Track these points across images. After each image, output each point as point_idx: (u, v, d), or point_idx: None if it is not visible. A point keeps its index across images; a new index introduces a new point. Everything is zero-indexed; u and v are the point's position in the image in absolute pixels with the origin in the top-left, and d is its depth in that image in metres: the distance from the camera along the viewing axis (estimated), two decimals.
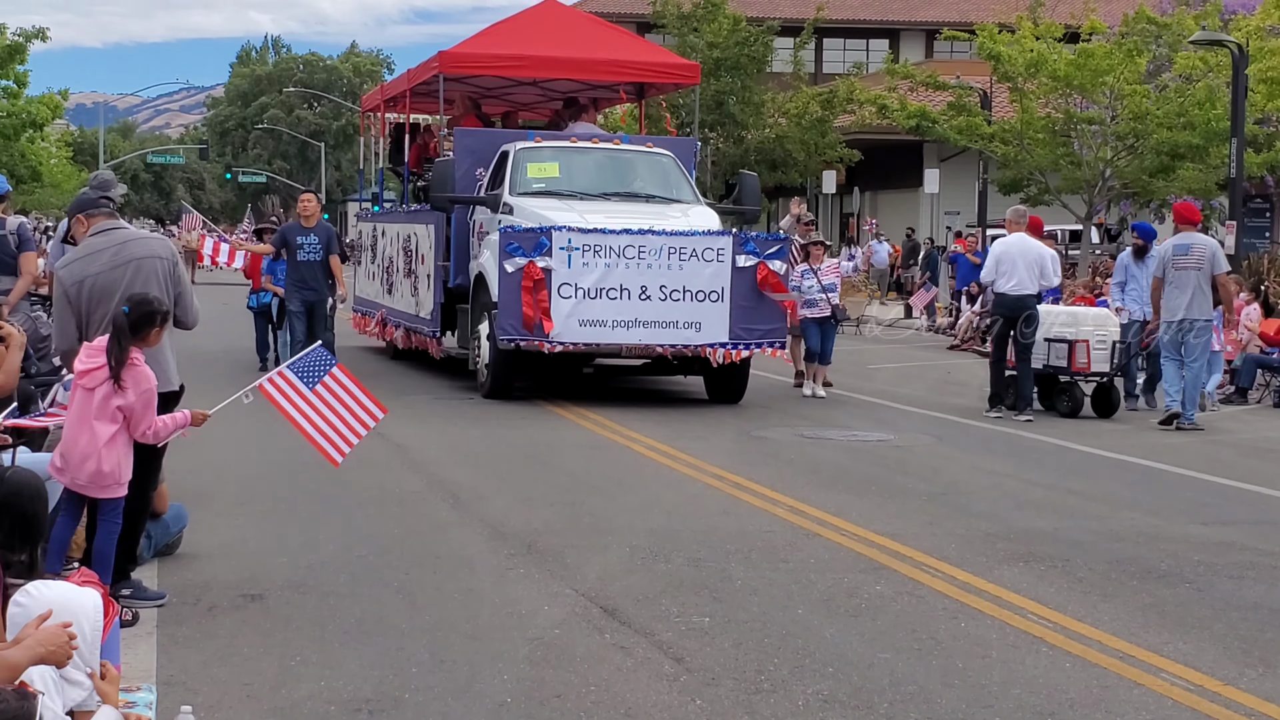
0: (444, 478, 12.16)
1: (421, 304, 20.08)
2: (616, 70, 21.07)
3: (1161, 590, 8.73)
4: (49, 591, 5.26)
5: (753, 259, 16.70)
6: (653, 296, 16.43)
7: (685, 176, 18.72)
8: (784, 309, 17.23)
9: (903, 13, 64.46)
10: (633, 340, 16.58)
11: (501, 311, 16.34)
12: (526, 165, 18.06)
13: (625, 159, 18.88)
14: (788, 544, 9.69)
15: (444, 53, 20.41)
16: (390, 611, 7.83)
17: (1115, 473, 13.40)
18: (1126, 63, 31.26)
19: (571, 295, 16.32)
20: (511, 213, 17.28)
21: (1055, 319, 17.77)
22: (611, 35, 21.78)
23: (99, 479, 7.42)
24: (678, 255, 16.48)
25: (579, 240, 16.32)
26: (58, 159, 65.01)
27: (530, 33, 20.52)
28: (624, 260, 16.37)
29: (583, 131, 19.80)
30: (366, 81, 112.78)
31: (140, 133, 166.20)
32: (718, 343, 16.61)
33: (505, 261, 16.26)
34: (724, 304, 16.60)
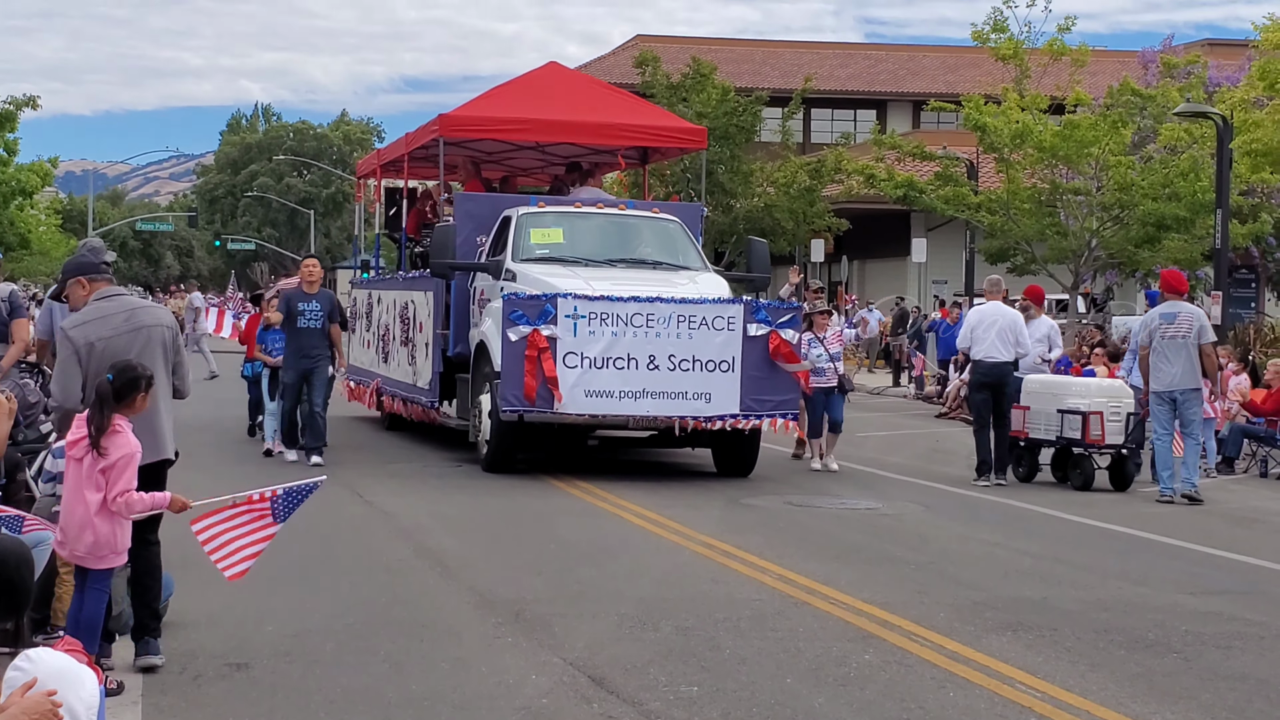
0: (431, 545, 12.13)
1: (419, 373, 19.49)
2: (621, 134, 20.57)
3: (1149, 660, 8.72)
4: (51, 661, 5.23)
5: (765, 328, 16.21)
6: (661, 366, 15.89)
7: (692, 242, 18.37)
8: (797, 379, 16.80)
9: (889, 84, 64.96)
10: (641, 411, 15.97)
11: (504, 381, 15.76)
12: (530, 231, 17.65)
13: (631, 224, 18.50)
14: (776, 612, 9.67)
15: (444, 116, 19.87)
16: (378, 681, 7.80)
17: (1103, 542, 13.40)
18: (1111, 134, 31.47)
19: (577, 365, 15.75)
20: (514, 279, 16.83)
21: (1069, 390, 17.49)
22: (615, 98, 21.36)
23: (96, 549, 7.41)
24: (687, 323, 15.98)
25: (585, 308, 15.81)
26: (47, 226, 65.07)
27: (532, 95, 20.08)
28: (631, 329, 15.86)
29: (587, 196, 19.34)
30: (357, 149, 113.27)
31: (129, 200, 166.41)
32: (728, 414, 16.06)
33: (508, 330, 15.73)
34: (735, 374, 16.06)
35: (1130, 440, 17.12)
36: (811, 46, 72.21)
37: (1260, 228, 32.42)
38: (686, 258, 17.97)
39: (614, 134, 20.46)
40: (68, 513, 7.47)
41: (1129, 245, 32.55)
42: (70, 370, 8.00)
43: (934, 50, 72.19)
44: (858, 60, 68.06)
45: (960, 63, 62.27)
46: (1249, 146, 29.55)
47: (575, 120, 19.90)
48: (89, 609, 7.42)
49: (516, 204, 18.51)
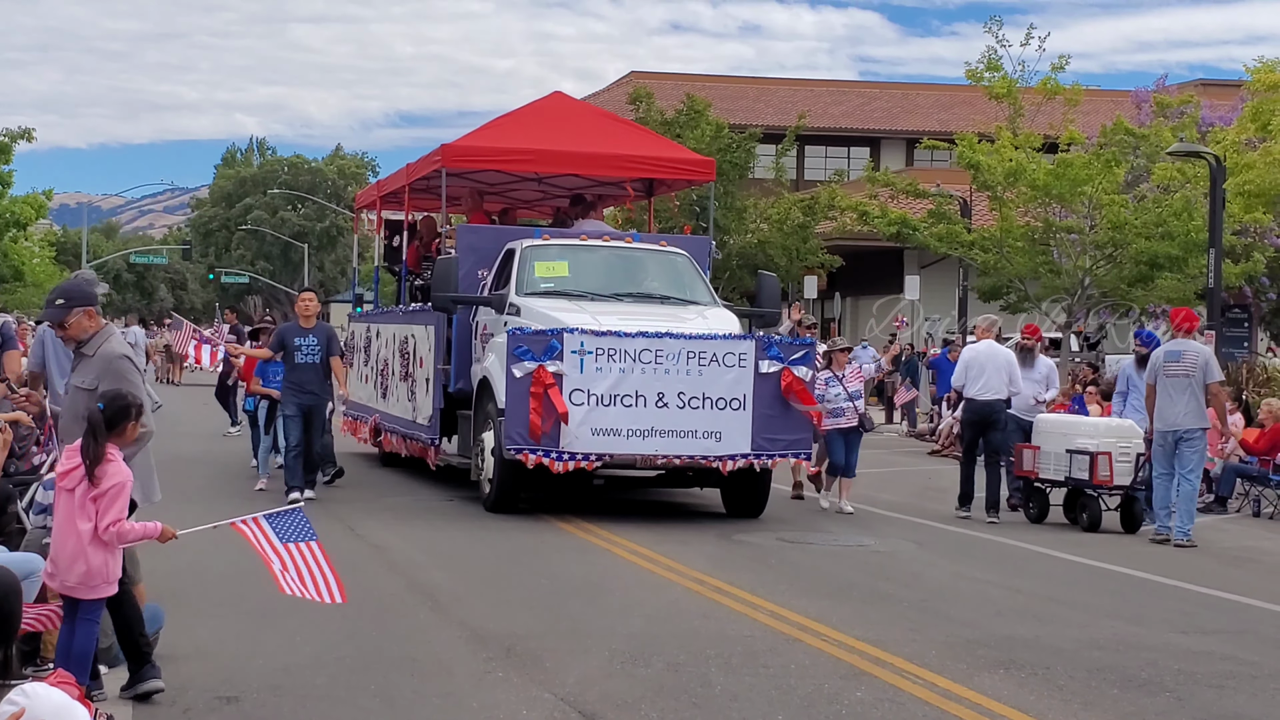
0: (423, 580, 12.10)
1: (419, 409, 18.97)
2: (627, 165, 20.06)
3: (1142, 699, 8.70)
4: (47, 697, 5.22)
5: (777, 364, 15.78)
6: (670, 404, 15.48)
7: (701, 277, 17.96)
8: (810, 418, 16.23)
9: (883, 121, 65.15)
10: (649, 450, 15.49)
11: (509, 419, 15.33)
12: (534, 264, 17.27)
13: (638, 258, 18.15)
14: (768, 649, 9.65)
15: (447, 146, 19.33)
16: (369, 716, 7.77)
17: (1097, 581, 13.38)
18: (1105, 173, 31.54)
19: (584, 402, 15.33)
20: (518, 314, 16.46)
21: (1079, 430, 17.23)
22: (621, 129, 20.94)
23: (88, 579, 7.39)
24: (697, 360, 15.56)
25: (592, 343, 15.41)
26: (40, 259, 65.03)
27: (536, 126, 19.63)
28: (640, 365, 15.45)
29: (590, 229, 18.94)
30: (351, 184, 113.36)
31: (124, 233, 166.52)
32: (739, 453, 15.64)
33: (513, 366, 15.31)
34: (746, 412, 15.66)
35: (1140, 481, 16.78)
36: (805, 84, 72.41)
37: (1253, 267, 32.48)
38: (695, 292, 17.63)
39: (620, 165, 20.02)
40: (59, 544, 7.46)
41: (1122, 284, 32.59)
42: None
43: (928, 88, 72.44)
44: (851, 98, 68.27)
45: (954, 101, 62.48)
46: (1242, 188, 29.65)
47: (581, 151, 19.52)
48: (80, 641, 7.39)
49: (520, 236, 18.21)
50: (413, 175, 20.79)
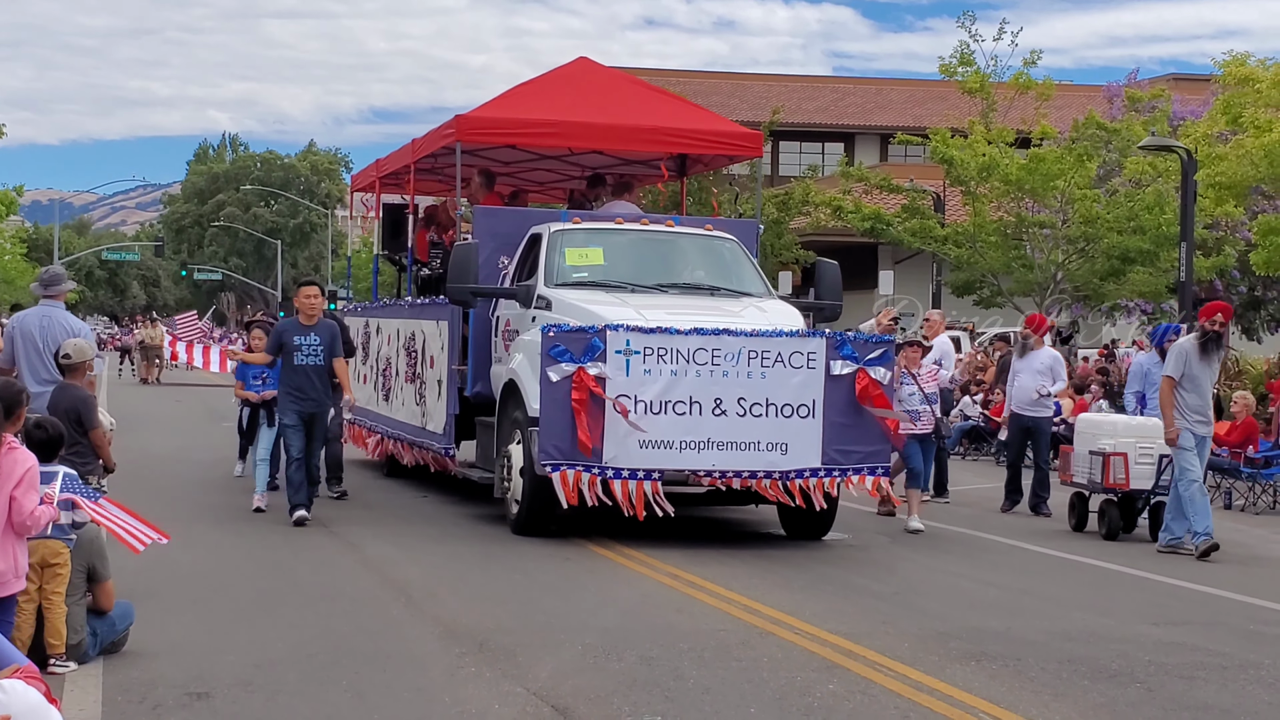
0: (396, 576, 12.08)
1: (430, 415, 17.02)
2: (665, 139, 17.78)
3: (1113, 690, 8.73)
4: (25, 696, 5.20)
5: (851, 365, 13.90)
6: (729, 411, 13.55)
7: (753, 264, 16.07)
8: (888, 427, 14.22)
9: (857, 117, 65.26)
10: (705, 466, 13.58)
11: (543, 430, 13.40)
12: (564, 251, 15.32)
13: (681, 244, 16.15)
14: (741, 643, 9.66)
15: (462, 117, 17.05)
16: (340, 711, 7.75)
17: (1067, 573, 13.42)
18: (1077, 167, 31.69)
19: (630, 410, 13.50)
20: (548, 308, 14.64)
21: (1101, 430, 16.11)
22: (656, 99, 18.56)
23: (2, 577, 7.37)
24: (759, 360, 13.63)
25: (639, 342, 13.48)
26: (11, 255, 64.79)
27: (561, 95, 17.51)
28: (694, 366, 13.51)
29: (626, 211, 16.74)
30: (324, 179, 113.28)
31: (96, 229, 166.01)
32: (808, 468, 13.75)
33: (549, 368, 13.34)
34: (815, 420, 13.75)
35: (1162, 485, 15.53)
36: (779, 79, 72.51)
37: (1224, 261, 32.65)
38: (748, 282, 15.72)
39: (655, 139, 17.79)
40: None
41: (1094, 278, 32.75)
42: None
43: (901, 84, 72.59)
44: (825, 93, 68.38)
45: (927, 96, 62.62)
46: (1213, 179, 29.78)
47: (613, 123, 17.33)
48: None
49: (546, 219, 16.30)
50: (419, 152, 18.71)
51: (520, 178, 21.03)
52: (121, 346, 58.63)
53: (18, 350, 12.00)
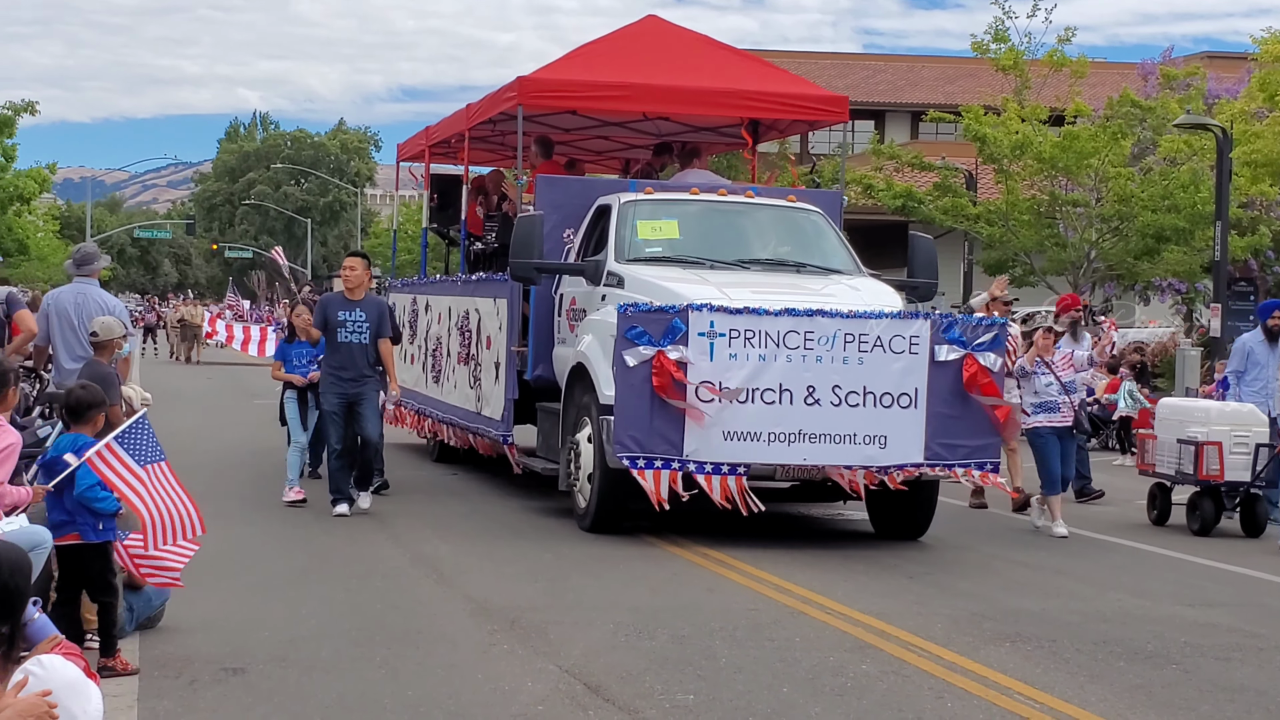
0: (427, 553, 12.09)
1: (486, 399, 15.94)
2: (744, 103, 16.54)
3: (1148, 671, 8.69)
4: (63, 671, 5.21)
5: (958, 350, 12.76)
6: (823, 400, 12.46)
7: (841, 239, 14.93)
8: (996, 418, 13.06)
9: (888, 94, 64.98)
10: (796, 459, 12.50)
11: (619, 419, 12.37)
12: (636, 223, 14.29)
13: (763, 216, 15.02)
14: (772, 622, 9.64)
15: (524, 79, 15.86)
16: (373, 687, 7.77)
17: (1101, 554, 13.36)
18: (1111, 145, 31.47)
19: (714, 398, 12.40)
20: (620, 285, 13.62)
21: (1191, 416, 15.16)
22: (733, 60, 17.19)
23: None
24: (856, 344, 12.51)
25: (724, 323, 12.38)
26: (44, 233, 65.04)
27: (629, 56, 16.37)
28: (785, 351, 12.40)
29: (699, 180, 15.51)
30: (354, 158, 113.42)
31: (128, 207, 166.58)
32: (909, 462, 12.64)
33: (625, 351, 12.32)
34: (919, 410, 12.66)
35: (1265, 476, 14.62)
36: (810, 57, 72.23)
37: (1259, 240, 32.41)
38: (836, 258, 14.62)
39: (734, 102, 16.53)
40: None
41: (1128, 257, 32.55)
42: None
43: (933, 61, 72.23)
44: (856, 71, 68.07)
45: (959, 74, 62.29)
46: (1248, 158, 29.57)
47: (685, 86, 16.12)
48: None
49: (613, 189, 15.22)
50: (474, 118, 17.51)
51: (577, 146, 19.90)
52: (145, 325, 58.78)
53: (53, 327, 12.04)
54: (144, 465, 8.18)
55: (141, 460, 8.18)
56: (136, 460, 8.14)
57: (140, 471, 8.12)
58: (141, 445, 8.23)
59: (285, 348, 15.53)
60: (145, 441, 8.23)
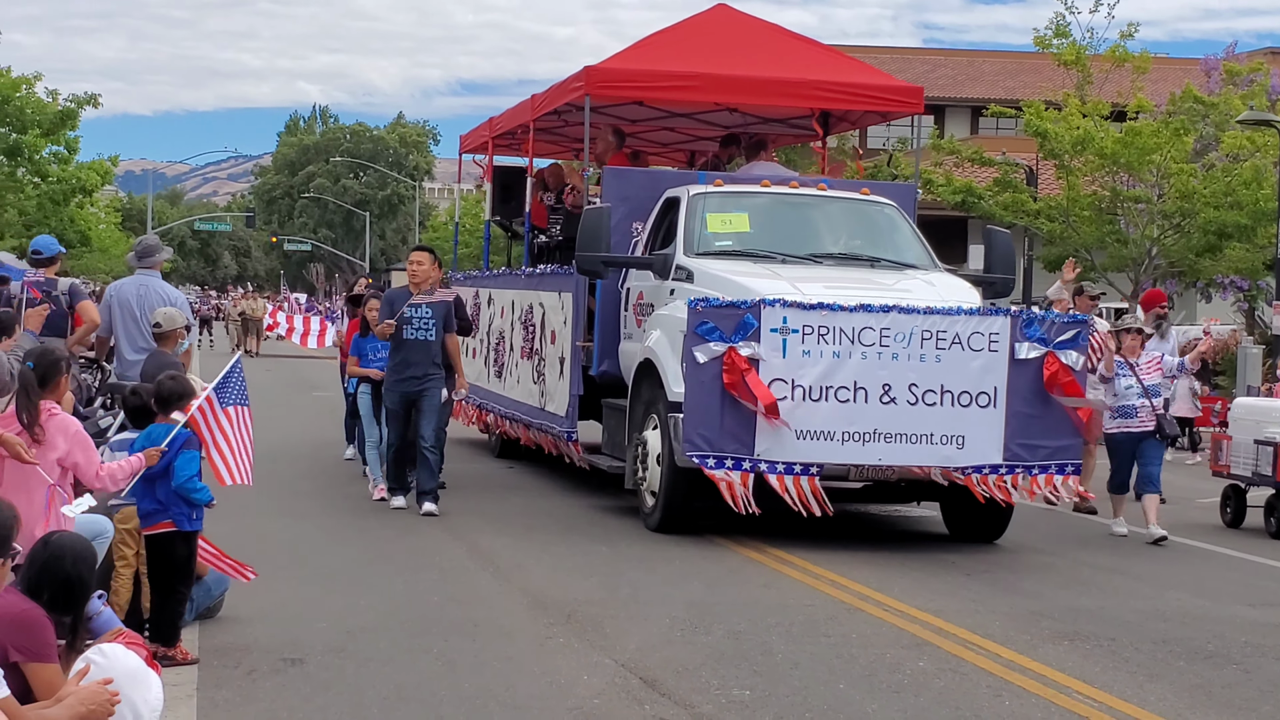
0: (484, 546, 12.13)
1: (550, 395, 15.68)
2: (816, 94, 16.16)
3: (1208, 671, 8.62)
4: (125, 660, 5.27)
5: (1039, 348, 12.38)
6: (899, 399, 12.14)
7: (916, 234, 14.53)
8: (1079, 419, 12.64)
9: (948, 89, 64.62)
10: (871, 459, 12.20)
11: (689, 416, 12.09)
12: (705, 216, 14.02)
13: (836, 209, 14.66)
14: (829, 618, 9.61)
15: (592, 69, 15.60)
16: (430, 679, 7.80)
17: (1160, 552, 13.25)
18: (1173, 141, 31.22)
19: (787, 396, 12.03)
20: (689, 279, 13.36)
21: (1271, 417, 14.71)
22: (802, 50, 16.78)
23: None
24: (934, 341, 12.20)
25: (798, 319, 12.09)
26: (106, 225, 65.63)
27: (698, 46, 16.03)
28: (860, 348, 12.11)
29: (771, 173, 15.27)
30: (412, 151, 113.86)
31: (188, 200, 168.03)
32: (987, 464, 12.27)
33: (695, 347, 12.02)
34: (998, 410, 12.28)
35: None
36: (869, 51, 71.79)
37: None
38: (911, 252, 14.25)
39: (806, 93, 16.16)
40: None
41: (1190, 254, 32.30)
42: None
43: (993, 55, 71.83)
44: (915, 65, 67.70)
45: (1019, 68, 61.91)
46: None
47: (756, 76, 15.78)
48: None
49: (681, 181, 15.01)
50: (540, 109, 17.22)
51: (641, 138, 19.43)
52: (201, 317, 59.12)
53: (115, 319, 12.14)
54: (224, 407, 8.36)
55: (225, 401, 8.36)
56: (221, 401, 8.34)
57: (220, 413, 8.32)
58: (232, 388, 8.43)
59: (360, 342, 15.25)
60: (236, 385, 8.44)
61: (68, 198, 42.23)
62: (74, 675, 5.11)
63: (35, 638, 5.26)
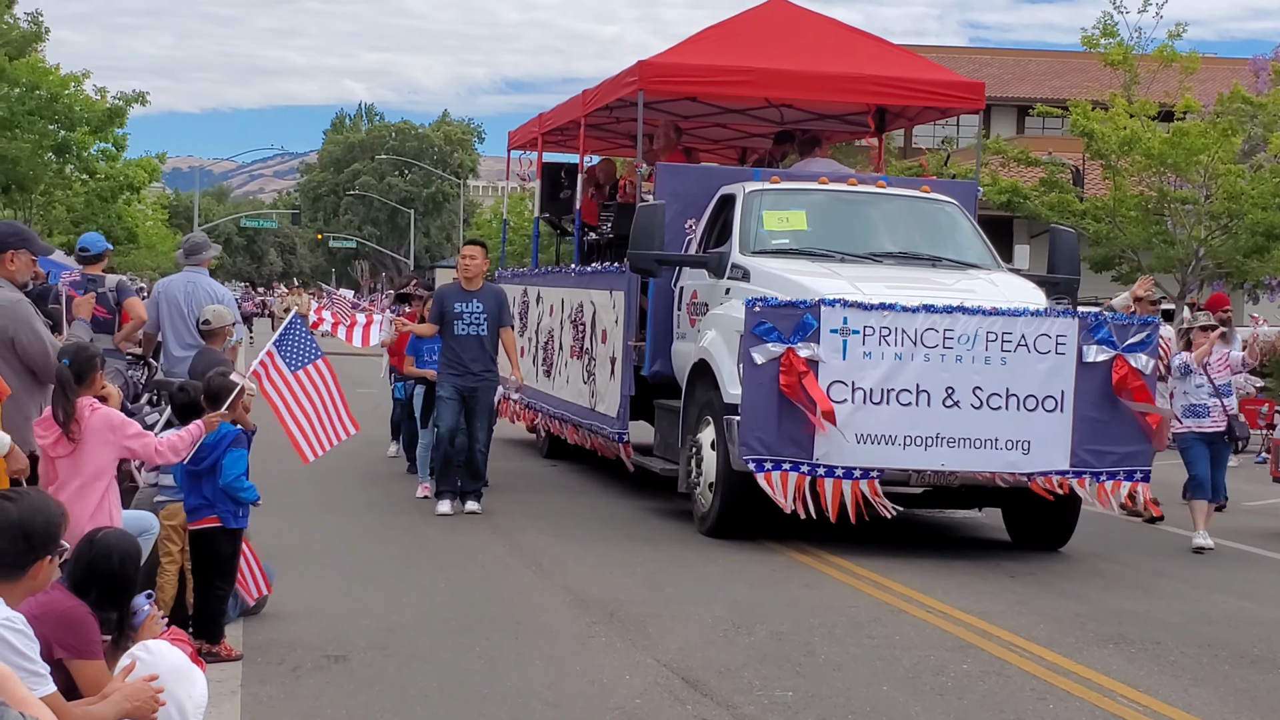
0: (526, 544, 12.15)
1: (600, 395, 15.39)
2: (875, 89, 15.89)
3: (1254, 675, 8.56)
4: (169, 657, 5.30)
5: (1108, 350, 12.01)
6: (963, 402, 11.80)
7: (978, 232, 14.26)
8: (1148, 424, 12.20)
9: (994, 88, 64.18)
10: (933, 464, 11.83)
11: (745, 419, 11.77)
12: (762, 214, 13.74)
13: (895, 207, 14.38)
14: (872, 619, 9.59)
15: (645, 63, 15.24)
16: (472, 677, 7.81)
17: (1207, 555, 13.15)
18: (1221, 142, 30.99)
19: (847, 399, 11.71)
20: (745, 278, 13.08)
21: None
22: (859, 44, 16.47)
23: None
24: (999, 343, 11.86)
25: (859, 319, 11.77)
26: (153, 221, 65.99)
27: (754, 40, 15.69)
28: (922, 349, 11.79)
29: (824, 169, 14.96)
30: (457, 149, 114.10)
31: (234, 197, 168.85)
32: (1053, 470, 11.92)
33: (752, 348, 11.73)
34: (1064, 415, 11.91)
35: None
36: (914, 50, 71.66)
37: None
38: (973, 251, 13.95)
39: (864, 89, 15.91)
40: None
41: (1237, 255, 32.06)
42: None
43: (1040, 55, 71.46)
44: (961, 64, 67.28)
45: (1066, 68, 61.59)
46: None
47: (814, 71, 15.45)
48: None
49: (735, 178, 14.75)
50: (593, 104, 16.92)
51: (693, 134, 19.03)
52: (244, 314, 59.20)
53: (163, 316, 12.20)
54: (295, 371, 8.33)
55: (294, 364, 8.33)
56: (289, 365, 8.31)
57: (291, 379, 8.29)
58: (296, 348, 8.40)
59: (417, 342, 14.83)
60: (299, 343, 8.41)
61: (115, 195, 42.51)
62: (119, 672, 5.14)
63: (80, 635, 5.29)
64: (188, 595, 8.39)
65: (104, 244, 13.10)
